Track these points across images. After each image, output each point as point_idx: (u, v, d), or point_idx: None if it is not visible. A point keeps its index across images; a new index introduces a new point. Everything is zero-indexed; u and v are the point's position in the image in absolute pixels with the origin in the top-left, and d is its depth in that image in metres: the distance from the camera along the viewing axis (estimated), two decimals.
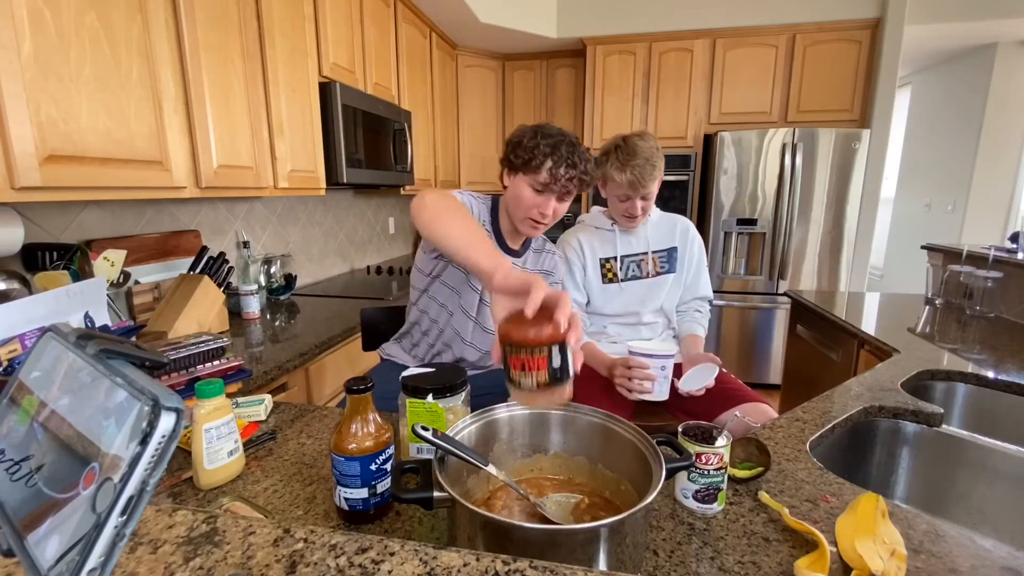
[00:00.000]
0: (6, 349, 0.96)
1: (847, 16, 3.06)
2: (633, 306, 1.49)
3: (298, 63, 1.81)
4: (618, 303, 1.49)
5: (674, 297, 1.52)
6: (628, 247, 1.49)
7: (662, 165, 1.36)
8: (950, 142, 4.27)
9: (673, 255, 1.50)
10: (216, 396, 0.76)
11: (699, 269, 1.54)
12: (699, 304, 1.57)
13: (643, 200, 1.38)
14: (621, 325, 1.52)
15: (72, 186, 1.05)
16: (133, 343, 0.38)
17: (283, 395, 1.38)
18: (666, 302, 1.51)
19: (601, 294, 1.49)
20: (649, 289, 1.49)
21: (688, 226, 1.53)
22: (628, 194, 1.36)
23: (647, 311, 1.50)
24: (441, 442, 0.60)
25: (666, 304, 1.52)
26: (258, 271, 2.02)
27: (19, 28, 0.94)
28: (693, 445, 0.68)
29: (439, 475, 0.55)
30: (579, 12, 3.39)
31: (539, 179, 1.08)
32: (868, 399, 1.06)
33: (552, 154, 1.07)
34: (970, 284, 1.89)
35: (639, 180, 1.32)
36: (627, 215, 1.40)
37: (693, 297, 1.56)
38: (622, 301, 1.49)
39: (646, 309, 1.50)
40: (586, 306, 1.52)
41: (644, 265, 1.49)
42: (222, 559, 0.47)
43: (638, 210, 1.38)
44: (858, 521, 0.61)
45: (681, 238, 1.51)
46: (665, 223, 1.52)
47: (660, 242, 1.50)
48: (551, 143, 1.08)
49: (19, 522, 0.34)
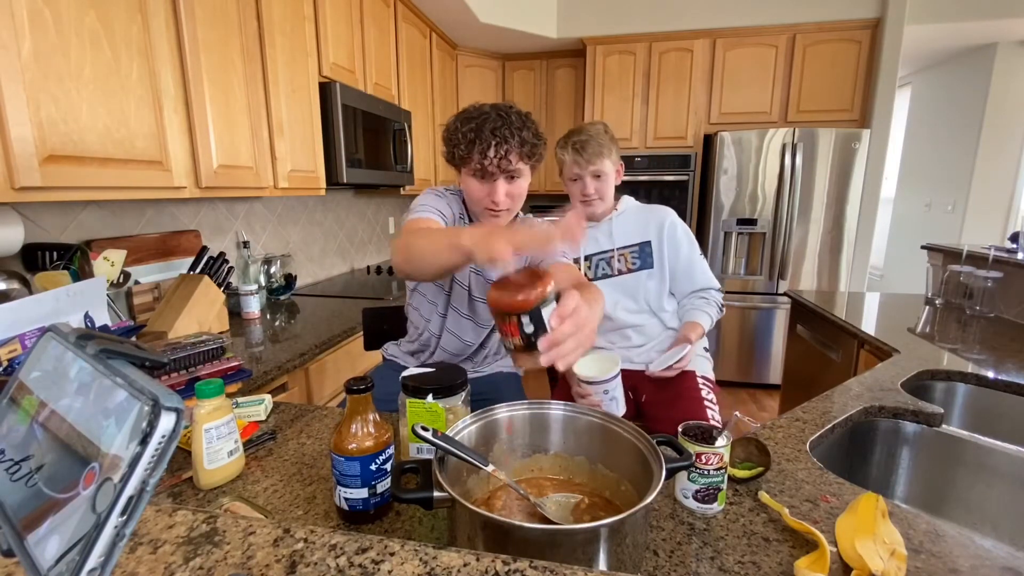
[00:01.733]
0: (6, 349, 0.96)
1: (847, 16, 3.06)
2: (607, 308, 1.40)
3: (298, 63, 1.81)
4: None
5: (657, 293, 1.44)
6: (595, 245, 1.44)
7: (613, 148, 1.35)
8: (950, 142, 4.27)
9: (647, 249, 1.42)
10: (216, 396, 0.76)
11: (690, 260, 1.44)
12: (701, 294, 1.47)
13: (595, 179, 1.35)
14: (606, 331, 1.45)
15: (72, 186, 1.05)
16: (133, 343, 0.38)
17: (283, 395, 1.38)
18: (651, 300, 1.43)
19: None
20: (621, 287, 1.42)
21: (665, 217, 1.43)
22: (577, 173, 1.35)
23: (626, 312, 1.43)
24: (441, 442, 0.60)
25: (652, 302, 1.43)
26: (258, 271, 2.02)
27: (19, 28, 0.94)
28: (693, 445, 0.68)
29: (439, 475, 0.55)
30: (579, 12, 3.39)
31: (474, 167, 1.02)
32: (868, 399, 1.06)
33: (477, 139, 1.00)
34: (970, 284, 1.89)
35: (581, 153, 1.31)
36: (583, 199, 1.38)
37: (691, 291, 1.47)
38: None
39: (624, 310, 1.42)
40: None
41: (613, 262, 1.43)
42: (222, 559, 0.47)
43: (590, 189, 1.35)
44: (858, 521, 0.61)
45: (657, 231, 1.42)
46: (638, 217, 1.45)
47: (628, 237, 1.43)
48: (474, 127, 1.00)
49: (19, 522, 0.34)
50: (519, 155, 1.02)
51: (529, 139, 1.02)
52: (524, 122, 1.03)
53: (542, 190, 3.90)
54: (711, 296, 1.45)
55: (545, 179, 3.90)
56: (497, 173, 1.02)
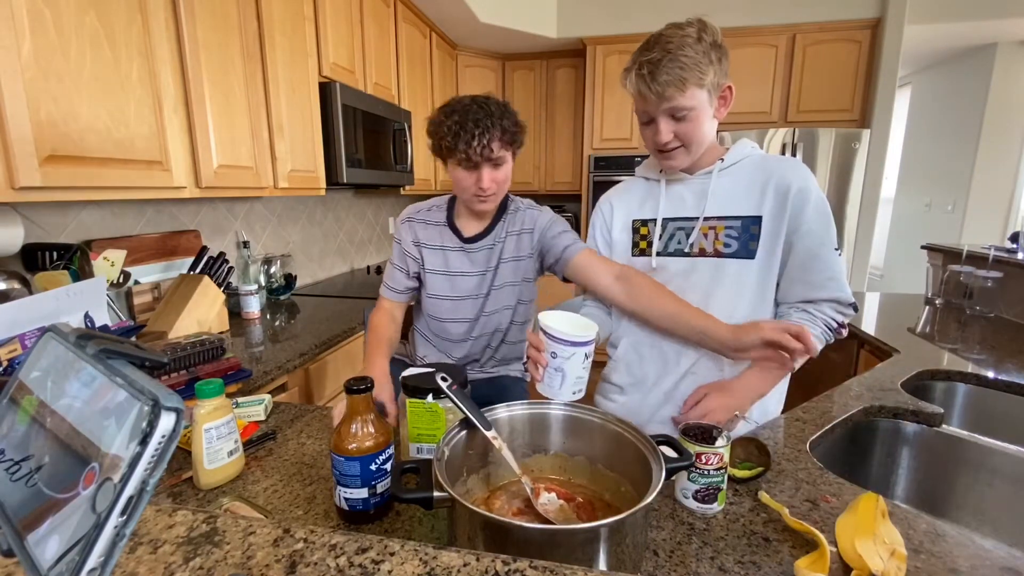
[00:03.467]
0: (6, 349, 0.96)
1: (847, 16, 3.06)
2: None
3: (298, 63, 1.81)
4: None
5: (752, 301, 0.97)
6: (677, 205, 1.01)
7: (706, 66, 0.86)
8: (950, 142, 4.27)
9: (751, 229, 0.95)
10: (216, 396, 0.76)
11: (817, 251, 0.93)
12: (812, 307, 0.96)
13: (675, 120, 0.91)
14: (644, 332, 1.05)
15: (72, 186, 1.05)
16: (133, 343, 0.38)
17: (283, 395, 1.38)
18: (736, 304, 0.97)
19: None
20: (695, 277, 0.99)
21: (793, 180, 0.93)
22: (647, 112, 0.94)
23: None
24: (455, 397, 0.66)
25: (738, 308, 0.96)
26: (258, 271, 2.02)
27: (19, 28, 0.94)
28: (693, 445, 0.68)
29: (439, 475, 0.55)
30: (579, 12, 3.39)
31: (460, 157, 1.06)
32: (868, 399, 1.06)
33: (461, 130, 1.04)
34: (970, 284, 1.89)
35: (649, 82, 0.87)
36: (658, 148, 0.95)
37: (801, 299, 0.97)
38: None
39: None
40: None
41: (694, 236, 0.99)
42: (222, 559, 0.47)
43: (664, 136, 0.92)
44: (858, 521, 0.61)
45: (777, 201, 0.94)
46: (752, 175, 0.97)
47: (729, 204, 0.96)
48: (457, 120, 1.04)
49: (19, 522, 0.34)
50: (501, 143, 1.06)
51: (509, 127, 1.07)
52: (504, 111, 1.08)
53: (543, 190, 3.91)
54: (822, 312, 0.96)
55: (545, 178, 3.90)
56: (482, 161, 1.06)
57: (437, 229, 1.21)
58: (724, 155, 0.99)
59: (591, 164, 3.52)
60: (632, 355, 1.09)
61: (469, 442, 0.67)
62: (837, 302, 0.96)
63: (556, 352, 0.79)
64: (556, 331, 0.78)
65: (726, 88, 0.93)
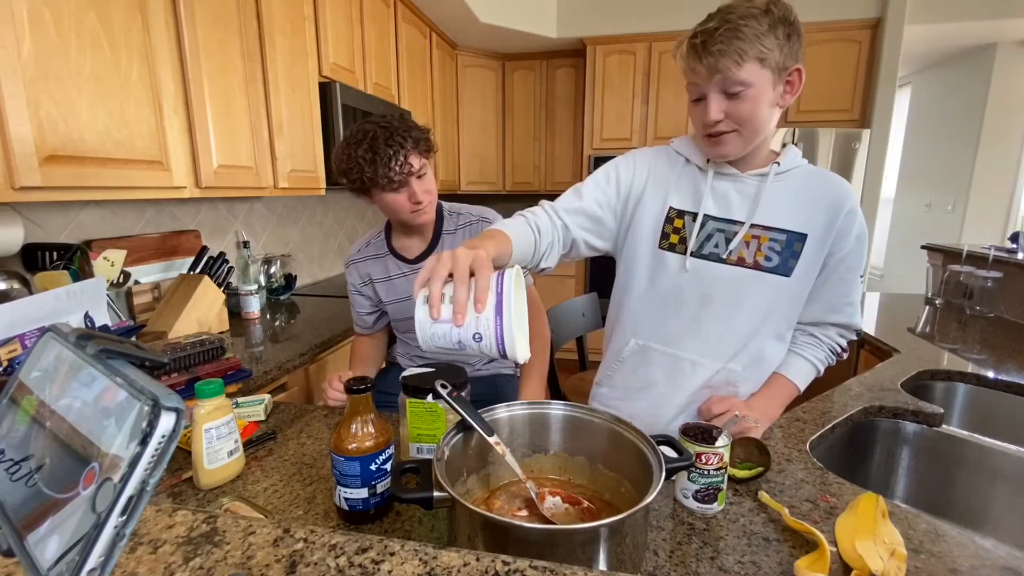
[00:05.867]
0: (6, 349, 0.96)
1: (847, 16, 3.06)
2: (690, 307, 0.91)
3: (298, 63, 1.81)
4: (665, 289, 0.93)
5: (777, 320, 0.92)
6: (722, 206, 0.89)
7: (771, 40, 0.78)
8: (950, 142, 4.27)
9: (795, 246, 0.87)
10: (216, 396, 0.76)
11: (846, 276, 0.91)
12: (822, 331, 0.96)
13: (728, 99, 0.80)
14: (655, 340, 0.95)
15: (72, 186, 1.05)
16: (133, 343, 0.38)
17: (283, 395, 1.38)
18: (765, 321, 0.90)
19: (647, 266, 0.94)
20: (726, 287, 0.89)
21: (845, 201, 0.88)
22: (697, 85, 0.82)
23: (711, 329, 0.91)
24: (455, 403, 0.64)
25: (767, 324, 0.90)
26: (258, 271, 2.02)
27: (19, 28, 0.94)
28: (693, 445, 0.68)
29: (439, 475, 0.55)
30: (579, 12, 3.38)
31: (384, 183, 1.06)
32: (868, 399, 1.06)
33: (376, 157, 1.04)
34: (970, 284, 1.89)
35: (701, 53, 0.78)
36: (706, 131, 0.84)
37: (815, 320, 0.95)
38: (674, 291, 0.92)
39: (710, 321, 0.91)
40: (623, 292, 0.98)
41: (735, 243, 0.88)
42: (222, 559, 0.47)
43: (714, 116, 0.80)
44: (858, 521, 0.61)
45: (827, 220, 0.87)
46: (807, 186, 0.88)
47: (780, 215, 0.87)
48: (366, 148, 1.04)
49: (19, 522, 0.34)
50: (417, 154, 1.08)
51: (419, 137, 1.09)
52: (407, 124, 1.10)
53: (543, 190, 3.90)
54: (828, 338, 0.96)
55: (545, 179, 3.90)
56: (406, 178, 1.07)
57: (380, 262, 1.24)
58: (779, 158, 0.89)
59: (591, 164, 3.52)
60: (638, 357, 0.98)
61: (469, 442, 0.67)
62: (845, 327, 0.96)
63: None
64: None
65: (794, 70, 0.82)
